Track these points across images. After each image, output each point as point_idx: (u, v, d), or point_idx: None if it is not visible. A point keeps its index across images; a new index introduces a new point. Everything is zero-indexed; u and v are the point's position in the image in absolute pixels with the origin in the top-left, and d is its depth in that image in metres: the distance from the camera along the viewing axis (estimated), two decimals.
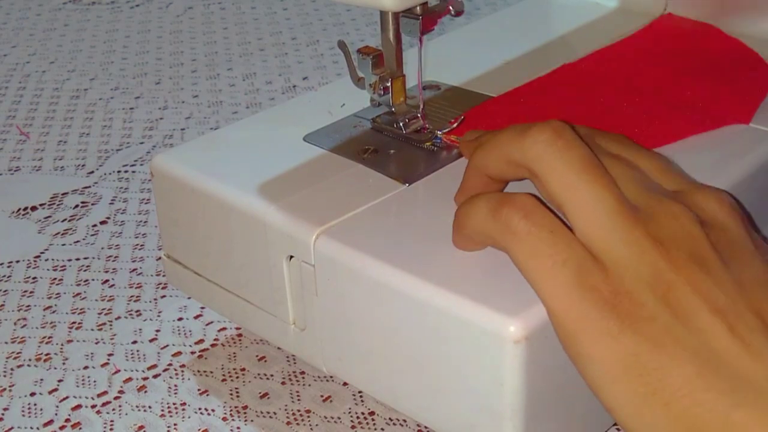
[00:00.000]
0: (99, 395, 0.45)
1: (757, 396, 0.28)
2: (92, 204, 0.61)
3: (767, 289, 0.30)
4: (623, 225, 0.31)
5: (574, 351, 0.31)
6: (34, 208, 0.61)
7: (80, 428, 0.43)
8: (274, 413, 0.44)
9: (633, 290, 0.30)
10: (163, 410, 0.44)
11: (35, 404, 0.45)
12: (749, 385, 0.28)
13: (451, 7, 0.42)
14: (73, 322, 0.50)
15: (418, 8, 0.42)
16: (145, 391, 0.45)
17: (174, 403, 0.45)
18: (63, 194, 0.63)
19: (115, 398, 0.45)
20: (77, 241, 0.57)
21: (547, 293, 0.31)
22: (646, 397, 0.29)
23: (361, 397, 0.44)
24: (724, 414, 0.28)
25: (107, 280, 0.54)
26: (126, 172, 0.65)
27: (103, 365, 0.47)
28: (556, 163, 0.32)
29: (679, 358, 0.29)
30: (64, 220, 0.60)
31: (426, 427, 0.42)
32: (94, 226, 0.59)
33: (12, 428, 0.44)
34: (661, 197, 0.32)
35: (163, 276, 0.52)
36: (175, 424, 0.43)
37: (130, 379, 0.46)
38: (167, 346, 0.48)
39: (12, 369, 0.47)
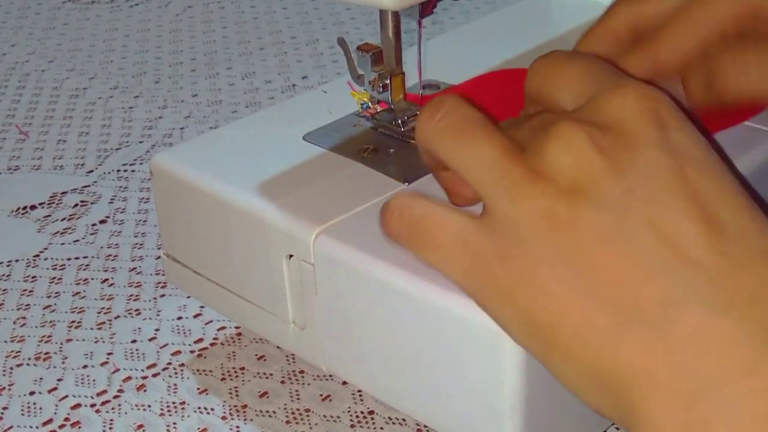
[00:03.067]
0: (98, 394, 0.45)
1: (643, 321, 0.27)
2: (91, 203, 0.61)
3: (669, 197, 0.28)
4: (501, 171, 0.29)
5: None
6: (33, 207, 0.61)
7: (79, 427, 0.43)
8: (274, 412, 0.44)
9: (523, 241, 0.29)
10: (162, 409, 0.44)
11: (34, 403, 0.45)
12: (637, 313, 0.27)
13: None
14: (73, 321, 0.50)
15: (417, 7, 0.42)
16: (145, 390, 0.45)
17: (173, 402, 0.45)
18: (62, 193, 0.63)
19: (115, 397, 0.45)
20: (77, 240, 0.57)
21: (443, 269, 0.31)
22: (547, 352, 0.29)
23: (360, 396, 0.44)
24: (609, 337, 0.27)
25: (107, 279, 0.54)
26: (125, 171, 0.65)
27: (102, 364, 0.47)
28: (438, 139, 0.32)
29: (567, 303, 0.28)
30: (64, 219, 0.60)
31: (425, 426, 0.42)
32: (94, 225, 0.59)
33: (11, 427, 0.44)
34: (550, 122, 0.30)
35: (163, 275, 0.52)
36: (174, 423, 0.43)
37: (129, 378, 0.46)
38: (166, 345, 0.48)
39: (11, 368, 0.47)
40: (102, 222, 0.59)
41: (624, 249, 0.27)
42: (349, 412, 0.43)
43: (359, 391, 0.44)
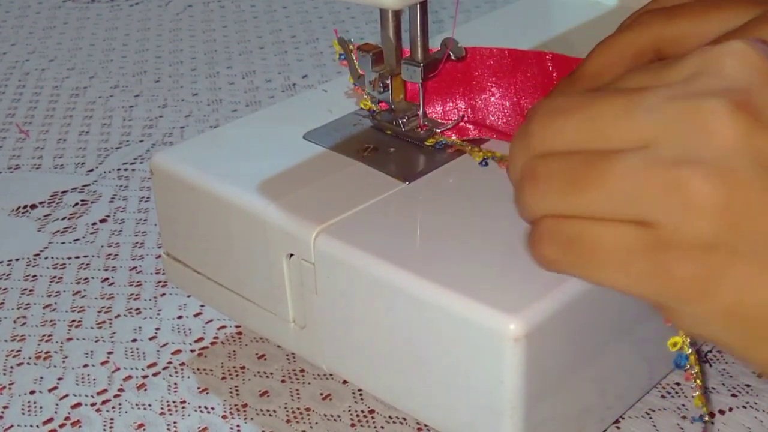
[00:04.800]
0: (99, 393, 0.45)
1: None
2: (92, 202, 0.61)
3: None
4: (655, 187, 0.27)
5: (671, 315, 0.29)
6: (33, 207, 0.61)
7: (80, 426, 0.43)
8: (274, 411, 0.44)
9: (699, 239, 0.27)
10: (162, 408, 0.44)
11: (35, 402, 0.45)
12: None
13: (451, 53, 0.43)
14: (73, 321, 0.50)
15: (419, 55, 0.42)
16: (145, 389, 0.45)
17: (174, 401, 0.45)
18: (63, 192, 0.63)
19: (115, 396, 0.45)
20: (77, 240, 0.57)
21: (624, 288, 0.29)
22: (761, 339, 0.28)
23: (360, 395, 0.44)
24: None
25: (107, 278, 0.54)
26: (126, 170, 0.65)
27: (102, 363, 0.47)
28: (553, 199, 0.29)
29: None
30: (64, 218, 0.60)
31: (426, 425, 0.42)
32: (94, 224, 0.59)
33: (12, 426, 0.44)
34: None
35: (163, 274, 0.52)
36: (174, 422, 0.43)
37: (129, 377, 0.46)
38: (167, 344, 0.48)
39: (12, 367, 0.47)
40: (102, 221, 0.59)
41: None
42: (349, 411, 0.43)
43: (359, 390, 0.44)
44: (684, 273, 0.27)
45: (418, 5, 0.41)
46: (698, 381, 0.34)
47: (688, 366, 0.34)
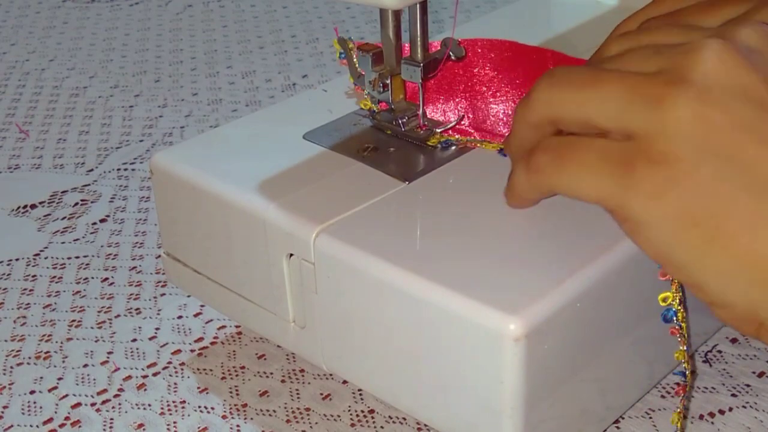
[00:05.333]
0: (99, 393, 0.45)
1: None
2: (92, 202, 0.61)
3: None
4: (640, 94, 0.31)
5: (628, 227, 0.32)
6: (33, 206, 0.61)
7: (80, 426, 0.43)
8: (274, 411, 0.44)
9: (667, 149, 0.30)
10: (162, 408, 0.44)
11: (35, 402, 0.45)
12: None
13: (451, 53, 0.43)
14: (73, 320, 0.50)
15: (419, 55, 0.42)
16: (145, 389, 0.45)
17: (174, 401, 0.45)
18: (62, 192, 0.63)
19: (115, 396, 0.45)
20: (77, 239, 0.57)
21: (593, 191, 0.32)
22: (705, 247, 0.30)
23: (360, 395, 0.44)
24: None
25: (107, 278, 0.54)
26: (125, 170, 0.65)
27: (102, 363, 0.47)
28: (560, 95, 0.33)
29: (730, 199, 0.29)
30: (64, 218, 0.60)
31: (426, 425, 0.42)
32: (94, 224, 0.59)
33: (12, 426, 0.44)
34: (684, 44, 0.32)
35: (163, 274, 0.52)
36: (174, 422, 0.43)
37: (129, 377, 0.46)
38: (167, 344, 0.48)
39: (12, 367, 0.47)
40: (102, 221, 0.59)
41: None
42: (349, 411, 0.43)
43: (359, 390, 0.44)
44: (646, 176, 0.30)
45: (418, 5, 0.41)
46: (683, 338, 0.35)
47: (675, 321, 0.34)
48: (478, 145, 0.42)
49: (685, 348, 0.36)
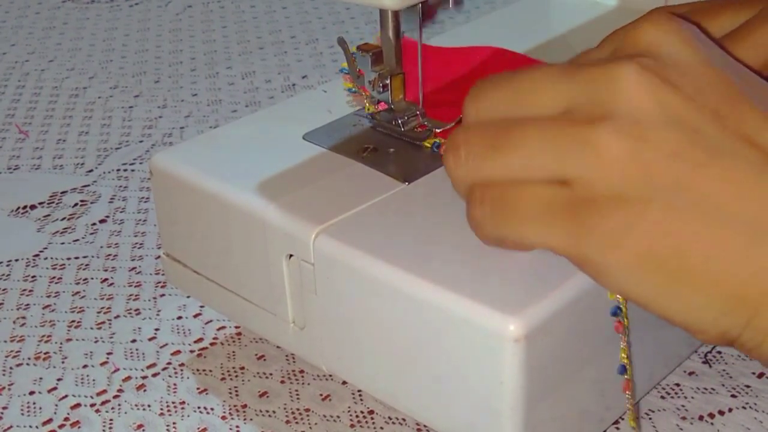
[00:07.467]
0: (98, 394, 0.45)
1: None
2: (91, 203, 0.61)
3: (744, 107, 0.29)
4: (567, 139, 0.29)
5: (588, 272, 0.31)
6: (33, 207, 0.61)
7: (79, 427, 0.43)
8: (274, 412, 0.44)
9: (611, 193, 0.29)
10: (162, 409, 0.44)
11: (34, 403, 0.45)
12: (759, 224, 0.28)
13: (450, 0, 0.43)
14: (72, 321, 0.50)
15: (418, 5, 0.42)
16: (145, 390, 0.45)
17: (173, 402, 0.45)
18: (62, 193, 0.63)
19: (114, 397, 0.45)
20: (76, 240, 0.57)
21: (541, 242, 0.31)
22: (670, 285, 0.29)
23: (360, 395, 0.44)
24: (744, 255, 0.28)
25: (106, 279, 0.54)
26: (125, 170, 0.65)
27: (102, 364, 0.47)
28: (478, 165, 0.32)
29: (687, 233, 0.28)
30: (63, 218, 0.60)
31: (425, 426, 0.42)
32: (93, 224, 0.59)
33: (11, 427, 0.44)
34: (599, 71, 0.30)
35: (163, 275, 0.52)
36: (174, 423, 0.43)
37: (129, 378, 0.46)
38: (166, 344, 0.48)
39: (11, 368, 0.47)
40: (102, 221, 0.59)
41: (731, 164, 0.28)
42: (348, 411, 0.43)
43: (359, 390, 0.44)
44: (599, 224, 0.29)
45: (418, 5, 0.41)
46: (625, 335, 0.35)
47: (621, 316, 0.34)
48: None
49: (624, 345, 0.35)
